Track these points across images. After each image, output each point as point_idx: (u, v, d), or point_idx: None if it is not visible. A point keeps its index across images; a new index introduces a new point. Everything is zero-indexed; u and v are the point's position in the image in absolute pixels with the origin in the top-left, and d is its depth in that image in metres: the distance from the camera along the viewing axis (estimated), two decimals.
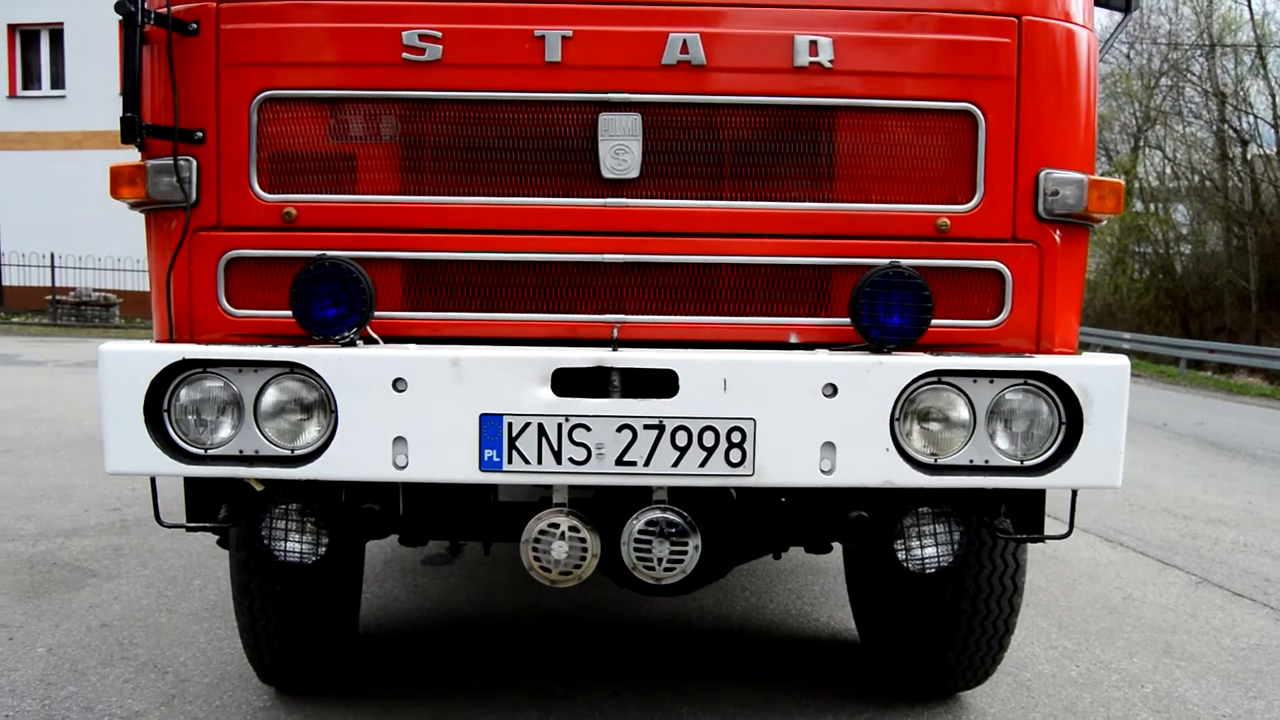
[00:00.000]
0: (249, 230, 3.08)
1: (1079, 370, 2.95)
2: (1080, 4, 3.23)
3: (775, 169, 3.08)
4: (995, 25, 3.09)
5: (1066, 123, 3.19)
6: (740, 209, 3.07)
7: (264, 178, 3.07)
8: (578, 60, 2.99)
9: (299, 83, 3.06)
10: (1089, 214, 3.16)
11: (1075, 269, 3.25)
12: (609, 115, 3.01)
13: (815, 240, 3.08)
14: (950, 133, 3.10)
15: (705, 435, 2.86)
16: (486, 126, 3.04)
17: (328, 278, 2.88)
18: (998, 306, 3.14)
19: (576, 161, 3.04)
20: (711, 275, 3.09)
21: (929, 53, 3.08)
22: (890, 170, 3.09)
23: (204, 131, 3.06)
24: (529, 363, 2.85)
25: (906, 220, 3.09)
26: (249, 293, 3.10)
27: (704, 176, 3.06)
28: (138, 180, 3.11)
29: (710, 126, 3.05)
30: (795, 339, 3.10)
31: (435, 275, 3.09)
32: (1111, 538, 7.57)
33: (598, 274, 3.07)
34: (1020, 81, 3.10)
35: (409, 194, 3.07)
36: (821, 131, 3.08)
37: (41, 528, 6.83)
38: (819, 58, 3.02)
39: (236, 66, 3.06)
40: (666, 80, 3.00)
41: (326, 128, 3.10)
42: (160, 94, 3.07)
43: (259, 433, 2.92)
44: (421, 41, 3.00)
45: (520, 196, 3.05)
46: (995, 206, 3.11)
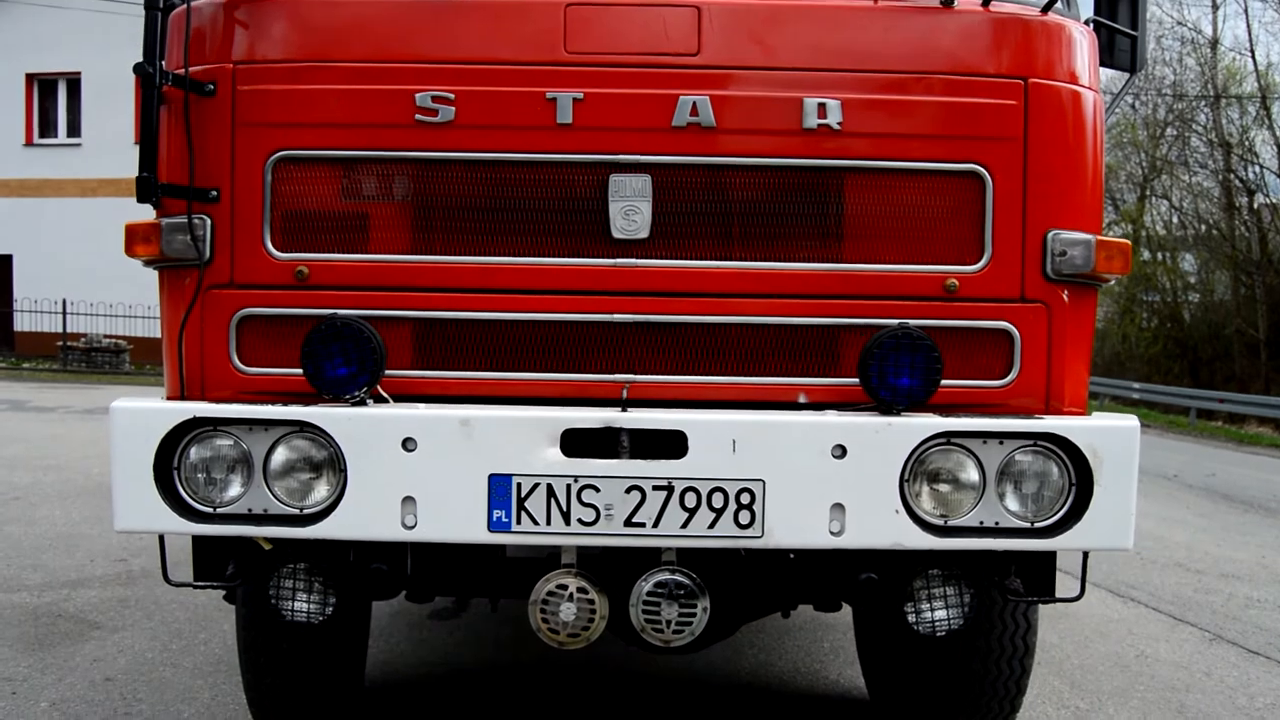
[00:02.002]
0: (261, 288, 3.10)
1: (1089, 431, 2.94)
2: (1085, 65, 3.26)
3: (784, 230, 3.10)
4: (1001, 88, 3.12)
5: (1073, 183, 3.21)
6: (749, 269, 3.08)
7: (277, 236, 3.10)
8: (589, 122, 3.03)
9: (313, 143, 3.10)
10: (1097, 274, 3.17)
11: (1084, 328, 3.26)
12: (619, 176, 3.04)
13: (824, 300, 3.09)
14: (958, 194, 3.11)
15: (714, 496, 2.85)
16: (498, 187, 3.07)
17: (339, 337, 2.89)
18: (1007, 367, 3.14)
19: (587, 222, 3.06)
20: (721, 335, 3.10)
21: (936, 115, 3.11)
22: (898, 231, 3.11)
23: (218, 190, 3.10)
24: (538, 423, 2.85)
25: (915, 281, 3.10)
26: (260, 350, 3.12)
27: (713, 237, 3.08)
28: (152, 239, 3.14)
29: (720, 187, 3.08)
30: (804, 399, 3.10)
31: (446, 334, 3.10)
32: (1123, 593, 7.50)
33: (607, 333, 3.09)
34: (1027, 143, 3.12)
35: (420, 253, 3.09)
36: (830, 193, 3.10)
37: (47, 578, 6.81)
38: (827, 120, 3.05)
39: (252, 126, 3.10)
40: (676, 142, 3.04)
41: (339, 187, 3.13)
42: (176, 153, 3.11)
43: (268, 491, 2.92)
44: (434, 103, 3.04)
45: (531, 256, 3.07)
46: (1003, 267, 3.12)
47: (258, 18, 3.15)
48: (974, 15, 3.15)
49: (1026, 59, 3.15)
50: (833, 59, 3.09)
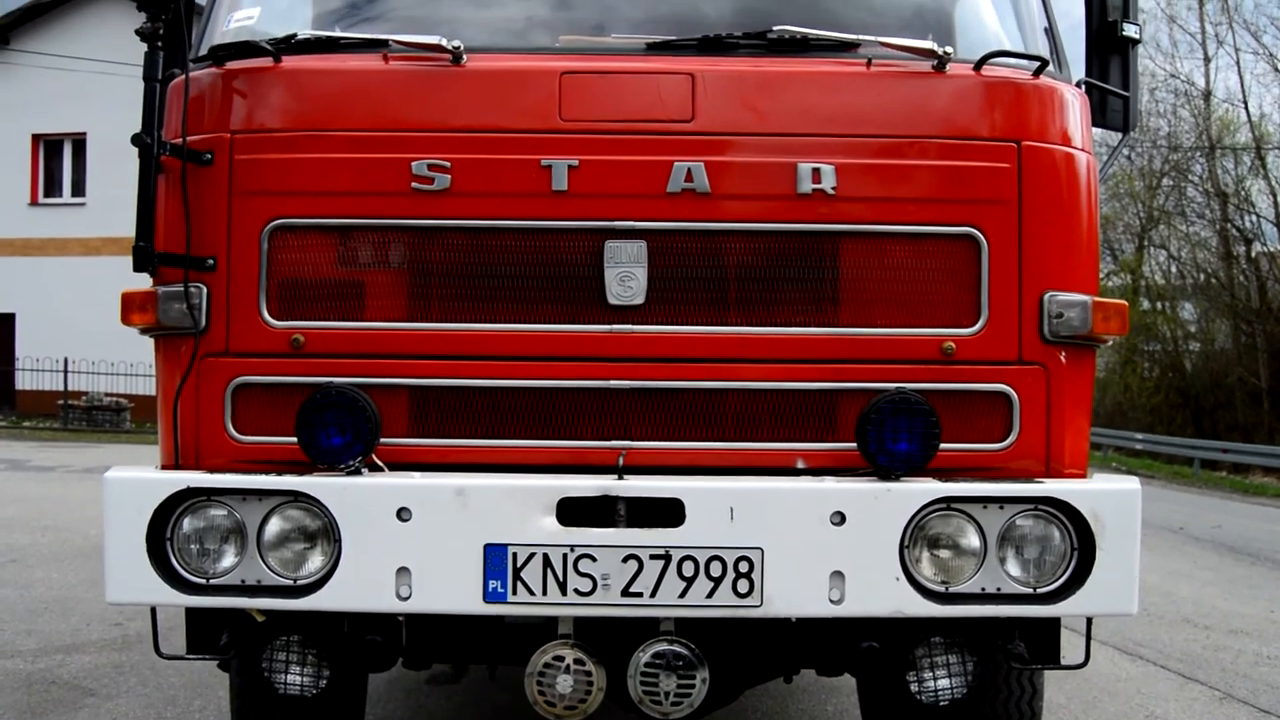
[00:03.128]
0: (257, 356, 3.10)
1: (1090, 495, 2.92)
2: (1078, 128, 3.28)
3: (780, 294, 3.09)
4: (995, 151, 3.14)
5: (1069, 245, 3.21)
6: (745, 334, 3.08)
7: (273, 304, 3.10)
8: (584, 189, 3.04)
9: (310, 211, 3.11)
10: (1094, 335, 3.17)
11: (1083, 389, 3.25)
12: (615, 242, 3.04)
13: (821, 365, 3.08)
14: (954, 257, 3.12)
15: (712, 565, 2.82)
16: (493, 254, 3.08)
17: (334, 406, 2.88)
18: (1006, 429, 3.12)
19: (582, 288, 3.06)
20: (717, 400, 3.09)
21: (931, 178, 3.12)
22: (895, 294, 3.11)
23: (215, 259, 3.11)
24: (534, 492, 2.83)
25: (912, 344, 3.09)
26: (255, 419, 3.11)
27: (709, 302, 3.08)
28: (148, 307, 3.14)
29: (715, 253, 3.08)
30: (802, 464, 3.08)
31: (441, 401, 3.09)
32: (1131, 650, 7.40)
33: (604, 400, 3.07)
34: (1022, 205, 3.13)
35: (416, 321, 3.09)
36: (825, 257, 3.10)
37: (42, 643, 6.73)
38: (822, 185, 3.06)
39: (249, 195, 3.11)
40: (672, 208, 3.04)
41: (336, 255, 3.14)
42: (173, 222, 3.12)
43: (262, 562, 2.90)
44: (430, 171, 3.05)
45: (526, 323, 3.07)
46: (1000, 329, 3.11)
47: (256, 87, 3.18)
48: (966, 79, 3.17)
49: (1019, 122, 3.17)
50: (826, 124, 3.11)
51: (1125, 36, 3.76)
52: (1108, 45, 3.78)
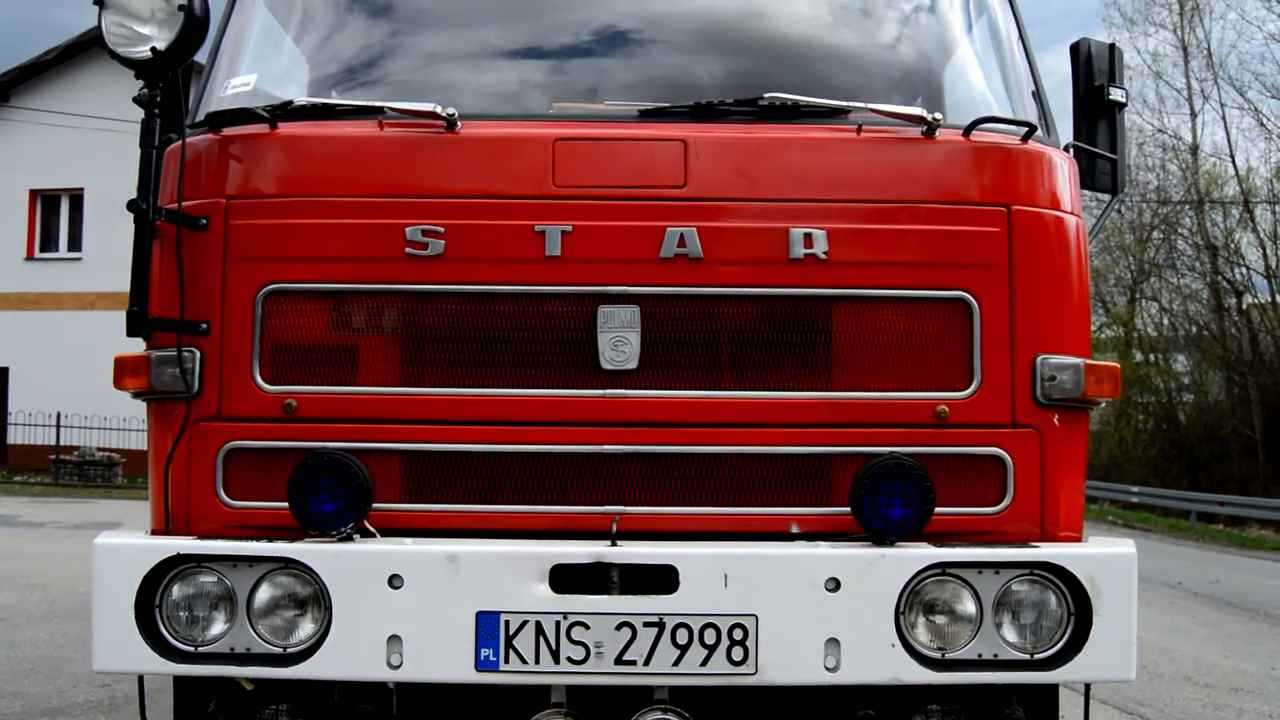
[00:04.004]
0: (249, 421, 3.09)
1: (1086, 560, 2.91)
2: (1067, 191, 3.31)
3: (773, 359, 3.10)
4: (985, 215, 3.16)
5: (1060, 308, 3.23)
6: (739, 399, 3.08)
7: (266, 369, 3.10)
8: (577, 254, 3.05)
9: (304, 276, 3.12)
10: (1087, 398, 3.17)
11: (1076, 452, 3.24)
12: (608, 308, 3.05)
13: (814, 429, 3.08)
14: (946, 321, 3.13)
15: (706, 633, 2.79)
16: (487, 319, 3.08)
17: (326, 472, 2.86)
18: (1000, 493, 3.12)
19: (576, 353, 3.07)
20: (711, 465, 3.08)
21: (922, 243, 3.14)
22: (887, 359, 3.11)
23: (209, 323, 3.11)
24: (527, 559, 2.81)
25: (905, 408, 3.09)
26: (247, 484, 3.09)
27: (702, 367, 3.08)
28: (141, 372, 3.14)
29: (708, 317, 3.09)
30: (796, 529, 3.06)
31: (434, 466, 3.08)
32: (1131, 709, 7.32)
33: (597, 465, 3.06)
34: (1012, 269, 3.15)
35: (409, 385, 3.09)
36: (818, 321, 3.11)
37: (28, 705, 6.62)
38: (814, 249, 3.08)
39: (243, 260, 3.12)
40: (664, 273, 3.06)
41: (329, 320, 3.14)
42: (167, 287, 3.12)
43: (251, 630, 2.87)
44: (424, 237, 3.07)
45: (520, 388, 3.06)
46: (993, 393, 3.11)
47: (251, 153, 3.21)
48: (956, 145, 3.21)
49: (1009, 187, 3.21)
50: (818, 189, 3.14)
51: (1112, 100, 3.82)
52: (1095, 109, 3.84)
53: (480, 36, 3.72)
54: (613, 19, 3.71)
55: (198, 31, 3.04)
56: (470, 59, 3.71)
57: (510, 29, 3.71)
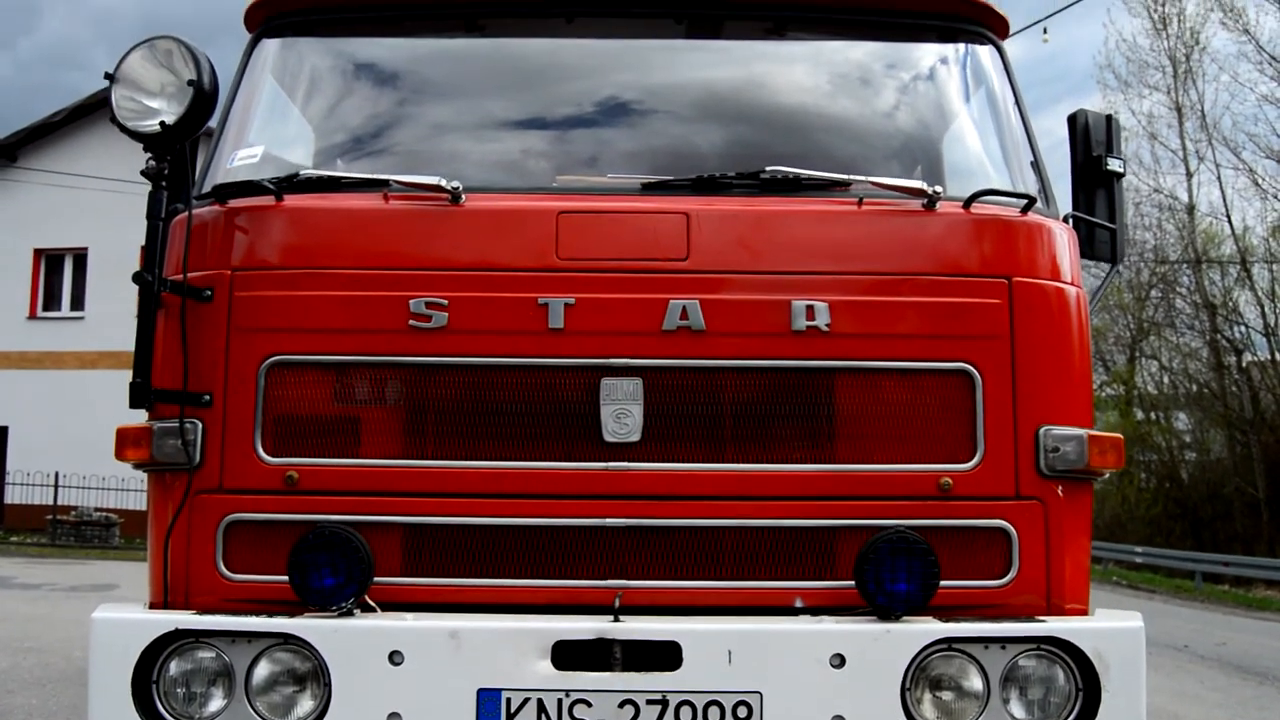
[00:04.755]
0: (250, 493, 3.08)
1: (1093, 634, 2.88)
2: (1067, 263, 3.33)
3: (776, 431, 3.10)
4: (986, 287, 3.18)
5: (1062, 378, 3.23)
6: (742, 471, 3.07)
7: (268, 441, 3.09)
8: (580, 326, 3.06)
9: (307, 348, 3.12)
10: (1091, 469, 3.16)
11: (1081, 523, 3.23)
12: (610, 380, 3.05)
13: (818, 502, 3.06)
14: (948, 392, 3.13)
15: (710, 710, 2.76)
16: (489, 391, 3.08)
17: (327, 547, 2.85)
18: (1005, 566, 3.10)
19: (578, 425, 3.06)
20: (714, 538, 3.06)
21: (923, 315, 3.15)
22: (890, 430, 3.11)
23: (211, 395, 3.11)
24: (529, 634, 2.78)
25: (909, 480, 3.08)
26: (247, 556, 3.07)
27: (705, 439, 3.08)
28: (143, 443, 3.13)
29: (711, 389, 3.09)
30: (801, 603, 3.04)
31: (436, 540, 3.06)
32: None
33: (600, 538, 3.04)
34: (1014, 341, 3.16)
35: (411, 458, 3.08)
36: (820, 393, 3.11)
37: None
38: (816, 321, 3.09)
39: (247, 332, 3.13)
40: (667, 345, 3.07)
41: (332, 391, 3.14)
42: (171, 358, 3.13)
43: (250, 707, 2.83)
44: (428, 309, 3.08)
45: (522, 460, 3.06)
46: (997, 465, 3.11)
47: (257, 225, 3.23)
48: (956, 216, 3.23)
49: (1009, 258, 3.23)
50: (819, 262, 3.16)
51: (1110, 170, 3.84)
52: (1093, 178, 3.86)
53: (484, 109, 3.78)
54: (614, 91, 3.76)
55: (206, 106, 3.08)
56: (475, 131, 3.76)
57: (514, 102, 3.76)
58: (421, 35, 3.83)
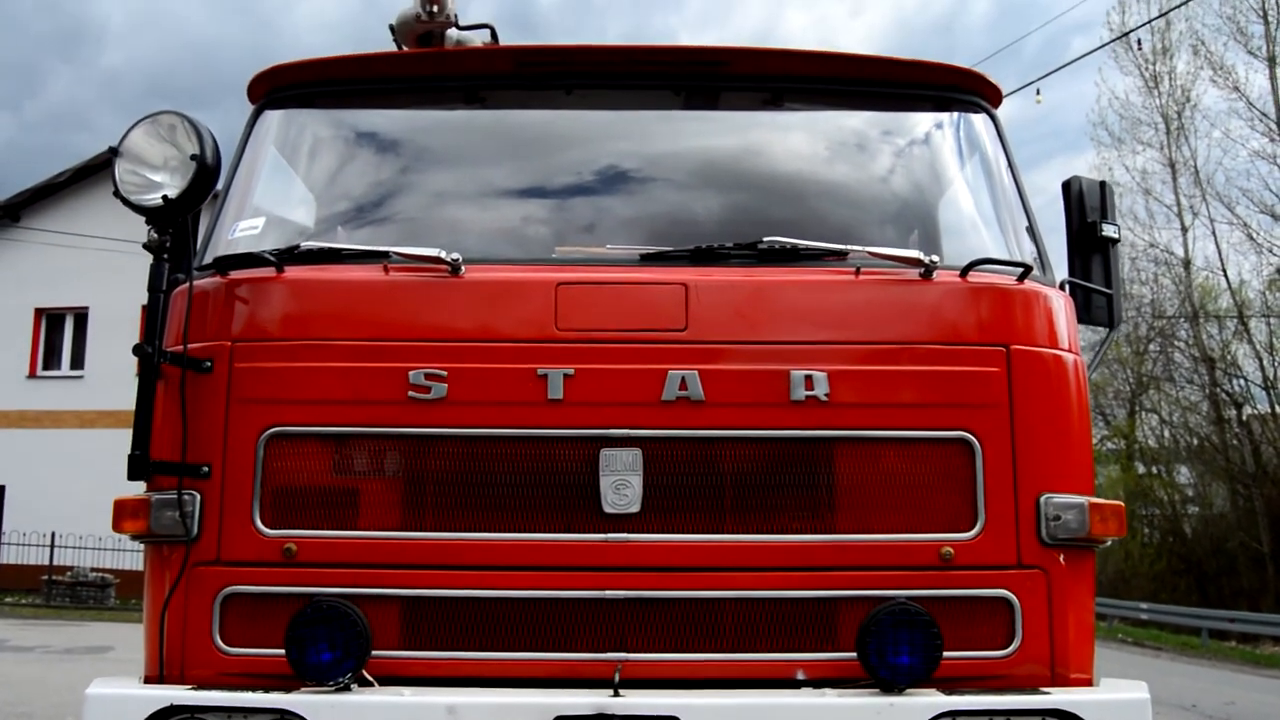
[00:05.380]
0: (248, 566, 3.06)
1: (1099, 707, 2.85)
2: (1065, 330, 3.35)
3: (776, 501, 3.09)
4: (985, 355, 3.19)
5: (1062, 446, 3.23)
6: (742, 542, 3.05)
7: (266, 513, 3.08)
8: (579, 397, 3.07)
9: (307, 419, 3.12)
10: (1093, 537, 3.15)
11: (1084, 592, 3.21)
12: (610, 450, 3.05)
13: (818, 573, 3.05)
14: (948, 461, 3.13)
15: None
16: (489, 462, 3.08)
17: (324, 621, 2.83)
18: (1008, 636, 3.07)
19: (578, 496, 3.05)
20: (715, 610, 3.04)
21: (922, 383, 3.16)
22: (890, 500, 3.10)
23: (210, 466, 3.10)
24: (528, 710, 2.75)
25: (910, 550, 3.07)
26: (244, 630, 3.05)
27: (705, 510, 3.07)
28: (141, 515, 3.12)
29: (711, 460, 3.09)
30: (802, 675, 3.01)
31: (434, 613, 3.04)
32: None
33: (599, 610, 3.02)
34: (1013, 409, 3.16)
35: (410, 530, 3.07)
36: (820, 463, 3.11)
37: None
38: (815, 391, 3.09)
39: (247, 403, 3.13)
40: (666, 416, 3.07)
41: (331, 463, 3.14)
42: (170, 429, 3.13)
43: None
44: (427, 380, 3.09)
45: (521, 532, 3.04)
46: (998, 534, 3.09)
47: (258, 296, 3.24)
48: (954, 285, 3.25)
49: (1007, 326, 3.24)
50: (818, 331, 3.17)
51: (1105, 236, 3.87)
52: (1088, 244, 3.88)
53: (484, 179, 3.81)
54: (613, 161, 3.80)
55: (208, 180, 3.12)
56: (475, 201, 3.79)
57: (513, 172, 3.80)
58: (422, 107, 3.89)
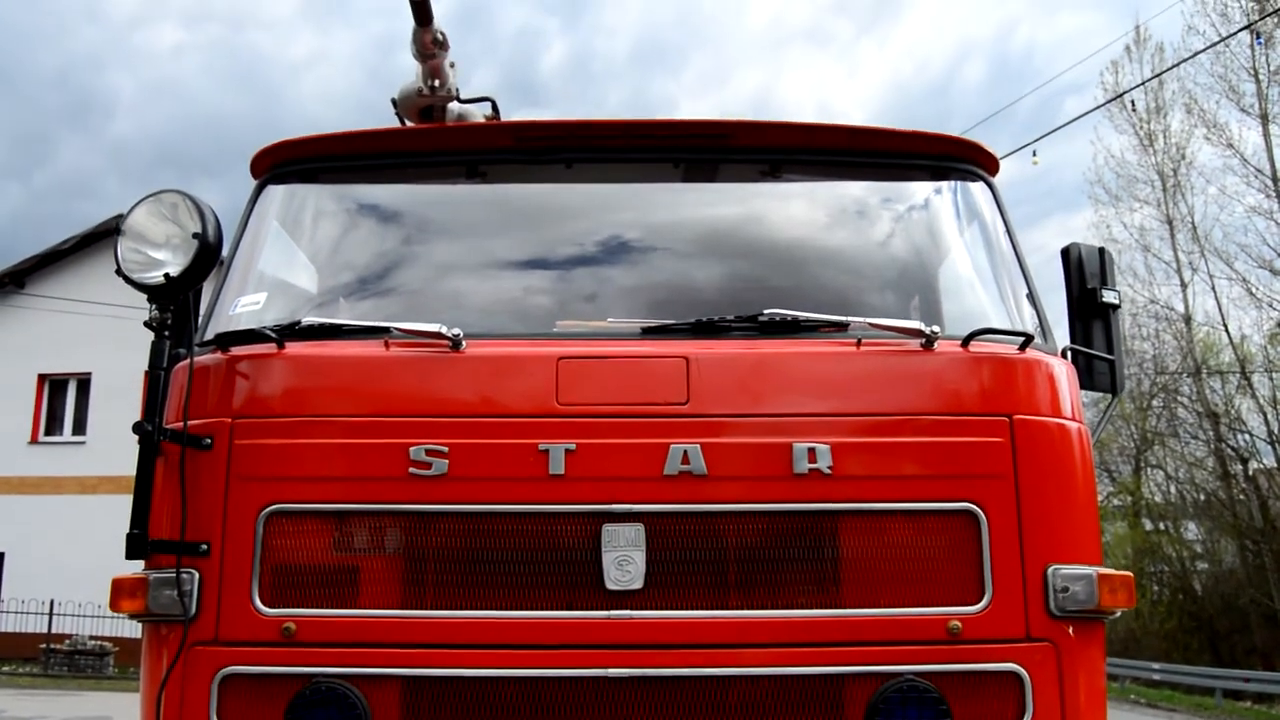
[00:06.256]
0: (246, 645, 3.02)
1: None
2: (1068, 399, 3.33)
3: (780, 575, 3.05)
4: (988, 425, 3.17)
5: (1068, 516, 3.20)
6: (747, 619, 3.01)
7: (265, 592, 3.05)
8: (581, 473, 3.04)
9: (307, 497, 3.10)
10: (1102, 609, 3.10)
11: (1095, 664, 3.16)
12: (612, 526, 3.02)
13: (825, 649, 2.99)
14: (954, 533, 3.09)
15: None
16: (490, 539, 3.05)
17: (323, 703, 2.79)
18: (1019, 710, 3.01)
19: (580, 573, 3.02)
20: (720, 687, 2.98)
21: (926, 455, 3.14)
22: (896, 573, 3.06)
23: (209, 544, 3.07)
24: None
25: (917, 624, 3.02)
26: (242, 710, 2.99)
27: (709, 585, 3.03)
28: (139, 594, 3.09)
29: (714, 535, 3.06)
30: None
31: (435, 692, 2.99)
32: None
33: (603, 689, 2.97)
34: (1018, 479, 3.13)
35: (410, 608, 3.03)
36: (824, 536, 3.08)
37: None
38: (818, 464, 3.07)
39: (246, 480, 3.11)
40: (669, 490, 3.04)
41: (331, 540, 3.11)
42: (168, 507, 3.10)
43: None
44: (428, 456, 3.07)
45: (523, 610, 3.00)
46: (1006, 606, 3.05)
47: (258, 373, 3.24)
48: (955, 355, 3.25)
49: (1009, 396, 3.22)
50: (820, 403, 3.15)
51: (1105, 302, 3.87)
52: (1089, 311, 3.88)
53: (485, 252, 3.82)
54: (613, 233, 3.81)
55: (210, 258, 3.13)
56: (476, 273, 3.80)
57: (514, 245, 3.82)
58: (423, 182, 3.92)
